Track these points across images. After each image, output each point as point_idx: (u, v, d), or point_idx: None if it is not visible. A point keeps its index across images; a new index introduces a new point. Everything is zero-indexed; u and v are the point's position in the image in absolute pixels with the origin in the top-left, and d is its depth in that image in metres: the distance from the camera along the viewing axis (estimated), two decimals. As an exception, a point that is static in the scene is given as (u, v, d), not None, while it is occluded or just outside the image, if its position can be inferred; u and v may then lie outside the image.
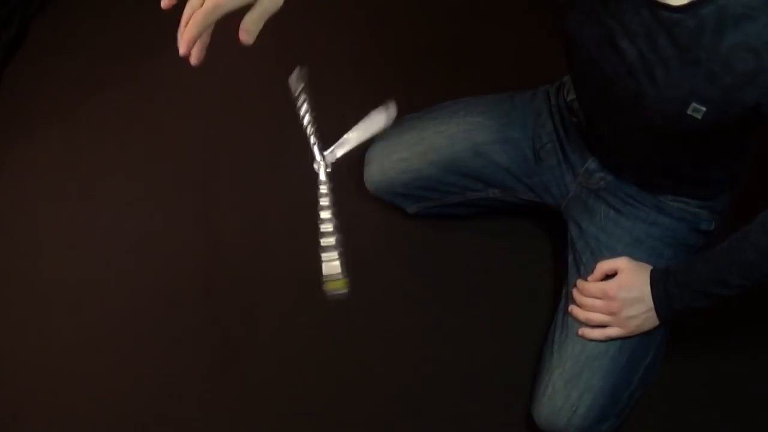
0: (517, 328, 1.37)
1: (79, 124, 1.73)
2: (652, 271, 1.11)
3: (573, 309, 1.18)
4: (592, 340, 1.14)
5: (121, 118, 1.74)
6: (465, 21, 1.83)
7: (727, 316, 1.34)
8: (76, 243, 1.55)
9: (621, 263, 1.15)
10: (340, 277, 0.93)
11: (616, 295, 1.11)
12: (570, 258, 1.26)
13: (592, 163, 1.22)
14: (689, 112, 0.91)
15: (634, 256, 1.16)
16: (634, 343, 1.13)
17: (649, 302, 1.10)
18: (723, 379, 1.31)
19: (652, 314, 1.10)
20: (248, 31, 0.83)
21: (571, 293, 1.20)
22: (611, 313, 1.12)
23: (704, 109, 0.90)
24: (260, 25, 0.83)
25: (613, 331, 1.12)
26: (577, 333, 1.16)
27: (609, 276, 1.16)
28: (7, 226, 1.59)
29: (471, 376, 1.35)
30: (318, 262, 0.94)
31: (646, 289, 1.10)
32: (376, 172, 1.38)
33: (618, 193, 1.20)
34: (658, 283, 1.09)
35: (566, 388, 1.14)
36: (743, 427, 1.27)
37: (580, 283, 1.19)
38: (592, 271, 1.18)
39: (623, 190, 1.20)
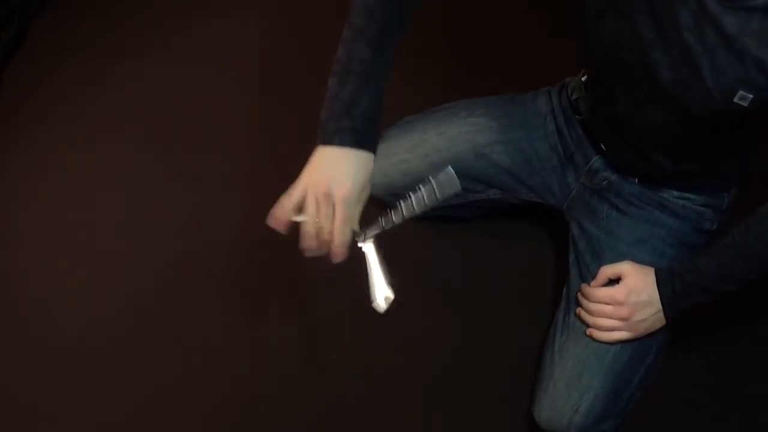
0: (517, 328, 1.38)
1: (79, 124, 1.73)
2: (656, 272, 1.11)
3: (580, 313, 1.19)
4: (600, 342, 1.15)
5: (122, 118, 1.74)
6: (466, 22, 1.84)
7: (727, 317, 1.35)
8: (77, 243, 1.55)
9: (624, 268, 1.15)
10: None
11: (626, 301, 1.11)
12: (571, 258, 1.27)
13: (596, 163, 1.22)
14: (736, 100, 0.91)
15: (637, 257, 1.16)
16: (635, 343, 1.14)
17: (658, 304, 1.10)
18: (722, 379, 1.32)
19: (660, 315, 1.11)
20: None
21: (577, 297, 1.21)
22: (622, 319, 1.12)
23: (751, 96, 0.90)
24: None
25: (621, 335, 1.13)
26: (584, 333, 1.16)
27: (612, 280, 1.16)
28: (6, 226, 1.59)
29: (471, 376, 1.35)
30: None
31: (654, 292, 1.10)
32: (377, 173, 1.37)
33: (621, 193, 1.20)
34: (665, 283, 1.09)
35: (567, 388, 1.14)
36: (742, 427, 1.28)
37: (585, 288, 1.19)
38: (594, 272, 1.19)
39: (626, 190, 1.20)
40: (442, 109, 1.37)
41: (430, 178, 0.96)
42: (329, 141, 0.97)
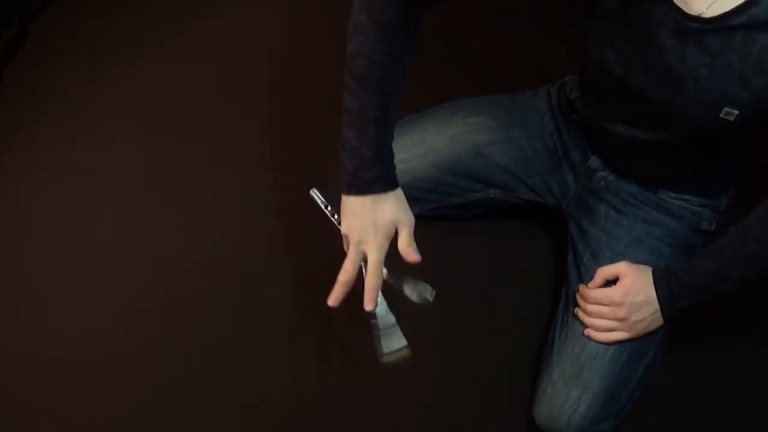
0: (517, 328, 1.38)
1: (79, 125, 1.73)
2: (653, 272, 1.11)
3: (578, 314, 1.18)
4: (598, 342, 1.15)
5: (122, 118, 1.74)
6: (466, 22, 1.84)
7: (726, 316, 1.35)
8: (77, 244, 1.55)
9: (622, 268, 1.15)
10: (404, 346, 1.07)
11: (623, 301, 1.11)
12: (570, 258, 1.27)
13: (594, 162, 1.22)
14: (722, 115, 0.92)
15: (635, 256, 1.16)
16: (633, 343, 1.14)
17: (655, 304, 1.10)
18: (722, 379, 1.32)
19: (658, 315, 1.11)
20: (412, 250, 1.06)
21: (575, 297, 1.21)
22: (619, 319, 1.12)
23: (737, 112, 0.91)
24: (413, 240, 1.05)
25: (619, 335, 1.13)
26: (582, 333, 1.16)
27: (609, 281, 1.16)
28: (7, 227, 1.59)
29: (471, 376, 1.35)
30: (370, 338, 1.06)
31: (651, 292, 1.10)
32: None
33: (619, 192, 1.20)
34: (661, 283, 1.09)
35: (566, 388, 1.14)
36: (742, 426, 1.28)
37: (583, 289, 1.19)
38: (593, 272, 1.18)
39: (624, 189, 1.20)
40: (441, 108, 1.37)
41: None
42: (367, 191, 1.02)
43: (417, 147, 1.33)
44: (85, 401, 1.37)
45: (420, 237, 1.48)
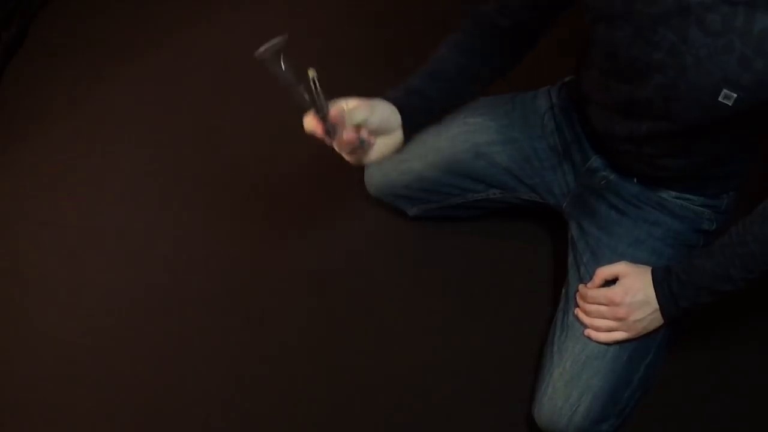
0: (517, 328, 1.38)
1: (79, 124, 1.73)
2: (653, 272, 1.11)
3: (578, 314, 1.18)
4: (598, 343, 1.15)
5: (122, 118, 1.74)
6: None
7: (727, 316, 1.34)
8: (77, 243, 1.55)
9: (621, 268, 1.14)
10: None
11: (622, 301, 1.11)
12: (570, 258, 1.27)
13: (595, 162, 1.22)
14: (721, 99, 0.92)
15: (636, 257, 1.16)
16: (634, 343, 1.14)
17: (655, 304, 1.10)
18: (723, 379, 1.32)
19: (658, 315, 1.11)
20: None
21: (575, 297, 1.21)
22: (618, 319, 1.12)
23: (735, 95, 0.90)
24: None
25: (619, 335, 1.13)
26: (583, 333, 1.16)
27: (609, 281, 1.16)
28: (7, 226, 1.59)
29: (471, 376, 1.35)
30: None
31: (651, 291, 1.10)
32: (377, 173, 1.39)
33: (620, 192, 1.20)
34: (661, 283, 1.09)
35: (566, 388, 1.14)
36: (742, 426, 1.28)
37: (582, 290, 1.19)
38: (593, 272, 1.18)
39: (625, 189, 1.20)
40: (441, 109, 1.37)
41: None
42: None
43: (417, 147, 1.33)
44: (85, 401, 1.37)
45: (420, 237, 1.49)
